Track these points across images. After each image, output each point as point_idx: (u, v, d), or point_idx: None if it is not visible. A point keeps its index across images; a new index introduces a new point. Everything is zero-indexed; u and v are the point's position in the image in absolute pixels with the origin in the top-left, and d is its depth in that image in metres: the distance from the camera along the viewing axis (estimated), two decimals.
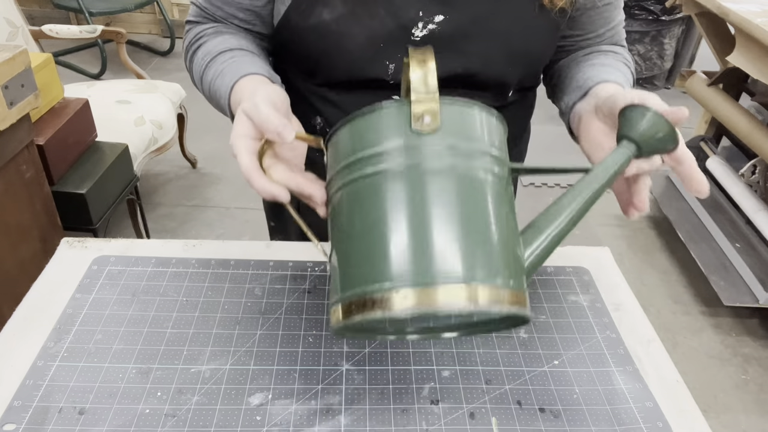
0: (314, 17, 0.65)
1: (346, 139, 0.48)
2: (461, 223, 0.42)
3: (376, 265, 0.42)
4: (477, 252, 0.42)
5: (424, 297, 0.40)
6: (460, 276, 0.41)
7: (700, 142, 2.40)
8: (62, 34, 2.29)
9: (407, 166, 0.44)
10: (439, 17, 0.65)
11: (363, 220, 0.44)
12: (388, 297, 0.41)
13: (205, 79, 0.67)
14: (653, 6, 3.16)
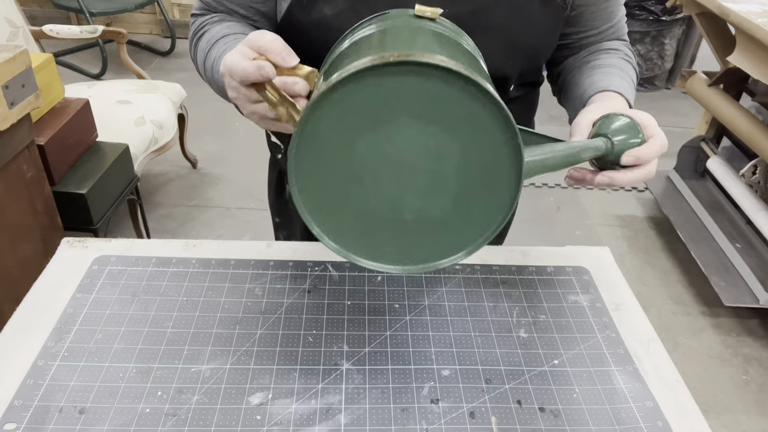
0: (316, 13, 0.66)
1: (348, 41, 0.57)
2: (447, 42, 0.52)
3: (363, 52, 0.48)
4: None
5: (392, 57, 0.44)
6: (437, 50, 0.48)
7: (700, 142, 2.40)
8: (63, 34, 2.30)
9: (407, 19, 0.55)
10: (440, 11, 0.65)
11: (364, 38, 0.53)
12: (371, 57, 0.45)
13: (207, 63, 0.68)
14: (654, 6, 3.16)
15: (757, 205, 2.02)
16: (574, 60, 0.78)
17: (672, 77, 3.56)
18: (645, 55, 3.37)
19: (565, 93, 0.77)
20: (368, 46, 0.49)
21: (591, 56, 0.76)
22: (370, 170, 0.47)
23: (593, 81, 0.70)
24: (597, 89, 0.69)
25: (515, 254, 0.78)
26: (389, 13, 0.56)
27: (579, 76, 0.74)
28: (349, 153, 0.46)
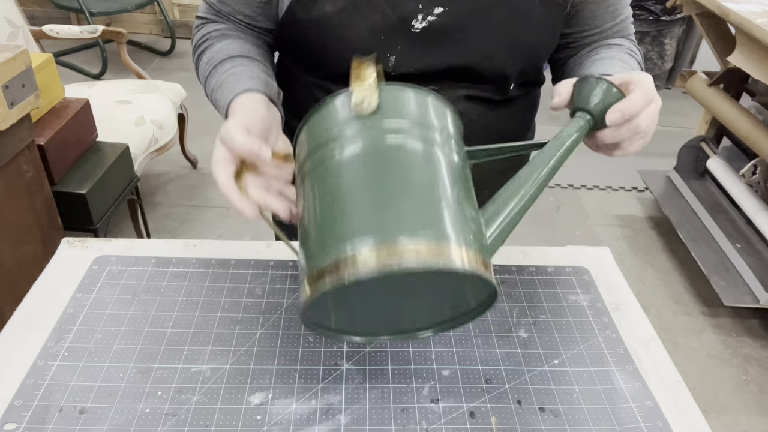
0: (317, 10, 0.66)
1: (305, 137, 0.53)
2: (412, 190, 0.46)
3: (337, 234, 0.45)
4: (427, 213, 0.45)
5: (387, 255, 0.42)
6: (425, 233, 0.43)
7: (700, 142, 2.40)
8: (63, 34, 2.30)
9: (353, 146, 0.48)
10: (439, 9, 0.65)
11: (320, 200, 0.48)
12: (352, 259, 0.43)
13: (208, 87, 0.70)
14: (654, 6, 3.16)
15: (757, 205, 2.02)
16: (576, 58, 0.78)
17: (672, 77, 3.56)
18: (645, 55, 3.36)
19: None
20: (352, 207, 0.45)
21: (592, 52, 0.75)
22: (364, 315, 0.55)
23: (592, 71, 0.69)
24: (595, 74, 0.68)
25: (515, 254, 0.78)
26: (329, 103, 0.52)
27: (579, 70, 0.73)
28: (347, 312, 0.54)
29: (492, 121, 0.76)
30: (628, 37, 0.79)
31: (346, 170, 0.47)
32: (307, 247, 0.48)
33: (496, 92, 0.73)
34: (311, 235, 0.48)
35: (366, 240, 0.43)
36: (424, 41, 0.67)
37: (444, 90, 0.71)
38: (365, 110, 0.48)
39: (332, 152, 0.49)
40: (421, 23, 0.66)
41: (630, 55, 0.74)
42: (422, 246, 0.42)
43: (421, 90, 0.52)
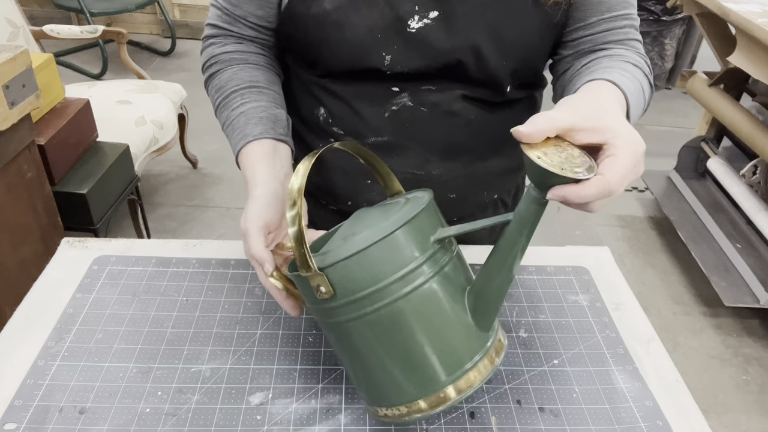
0: (316, 6, 0.67)
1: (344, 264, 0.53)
2: (423, 347, 0.50)
3: (411, 383, 0.51)
4: (440, 359, 0.50)
5: (435, 401, 0.50)
6: (443, 380, 0.50)
7: (700, 142, 2.40)
8: (63, 34, 2.30)
9: (331, 328, 0.53)
10: (434, 13, 0.66)
11: (394, 344, 0.51)
12: (412, 408, 0.51)
13: (219, 119, 0.74)
14: (654, 6, 3.16)
15: (758, 205, 2.02)
16: (571, 72, 0.74)
17: (672, 77, 3.56)
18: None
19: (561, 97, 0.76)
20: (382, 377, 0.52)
21: (592, 62, 0.71)
22: None
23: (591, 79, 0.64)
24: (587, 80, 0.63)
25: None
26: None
27: (577, 79, 0.69)
28: None
29: (491, 122, 0.76)
30: (631, 43, 0.74)
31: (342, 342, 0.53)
32: (389, 376, 0.51)
33: (493, 94, 0.73)
34: (391, 372, 0.51)
35: (413, 396, 0.51)
36: (419, 42, 0.67)
37: (441, 90, 0.71)
38: (325, 295, 0.51)
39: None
40: (417, 24, 0.67)
41: (632, 64, 0.68)
42: (453, 387, 0.50)
43: (382, 237, 0.49)
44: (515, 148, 0.82)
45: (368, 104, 0.73)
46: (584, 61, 0.72)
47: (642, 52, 0.72)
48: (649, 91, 0.68)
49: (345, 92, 0.73)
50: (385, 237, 0.49)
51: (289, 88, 0.80)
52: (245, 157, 0.68)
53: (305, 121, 0.79)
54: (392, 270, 0.49)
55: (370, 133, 0.74)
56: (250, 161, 0.67)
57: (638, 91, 0.64)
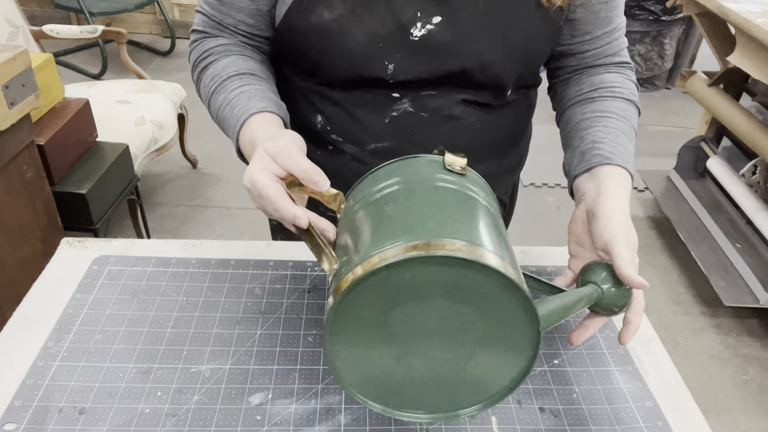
0: (315, 17, 0.65)
1: (381, 174, 0.55)
2: (472, 218, 0.50)
3: (385, 234, 0.48)
4: (480, 233, 0.49)
5: (432, 245, 0.45)
6: (466, 239, 0.47)
7: (700, 142, 2.40)
8: (63, 34, 2.30)
9: (436, 181, 0.53)
10: (437, 18, 0.65)
11: (392, 209, 0.50)
12: (396, 249, 0.46)
13: (213, 104, 0.69)
14: (653, 6, 3.16)
15: (757, 205, 2.02)
16: (577, 90, 0.76)
17: (672, 77, 3.56)
18: (645, 55, 3.37)
19: (564, 129, 0.76)
20: (404, 218, 0.49)
21: (595, 93, 0.74)
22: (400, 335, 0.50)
23: (596, 139, 0.68)
24: (601, 158, 0.66)
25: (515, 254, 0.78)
26: (419, 159, 0.56)
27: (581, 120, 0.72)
28: (381, 322, 0.49)
29: (490, 124, 0.76)
30: (621, 55, 0.77)
31: (422, 195, 0.51)
32: (355, 251, 0.48)
33: (494, 97, 0.73)
34: (362, 241, 0.48)
35: (416, 237, 0.46)
36: (422, 49, 0.66)
37: (442, 95, 0.71)
38: (458, 169, 0.54)
39: (412, 183, 0.52)
40: (420, 31, 0.65)
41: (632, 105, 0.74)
42: (462, 245, 0.46)
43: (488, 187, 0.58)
44: (513, 149, 0.84)
45: (368, 111, 0.72)
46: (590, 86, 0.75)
47: (632, 68, 0.79)
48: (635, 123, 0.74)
49: (344, 100, 0.72)
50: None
51: (285, 95, 0.78)
52: (249, 128, 0.63)
53: (302, 128, 0.77)
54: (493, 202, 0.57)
55: (370, 139, 0.73)
56: (258, 126, 0.62)
57: (632, 144, 0.71)
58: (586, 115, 0.72)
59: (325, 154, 0.77)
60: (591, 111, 0.72)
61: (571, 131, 0.74)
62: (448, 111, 0.72)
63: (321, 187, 0.53)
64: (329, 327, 0.48)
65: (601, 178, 0.65)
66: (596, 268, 0.59)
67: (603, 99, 0.73)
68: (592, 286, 0.57)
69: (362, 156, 0.74)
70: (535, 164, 2.99)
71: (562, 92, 0.79)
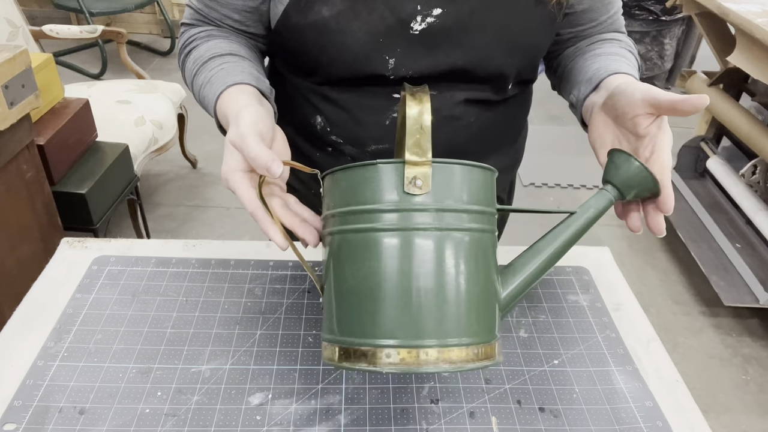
0: (313, 14, 0.65)
1: (342, 187, 0.51)
2: (441, 289, 0.46)
3: (365, 321, 0.47)
4: (454, 315, 0.47)
5: (406, 357, 0.45)
6: (436, 341, 0.46)
7: (700, 142, 2.40)
8: (63, 34, 2.30)
9: (396, 228, 0.47)
10: (438, 10, 0.65)
11: (354, 275, 0.48)
12: (374, 353, 0.46)
13: (195, 85, 0.69)
14: (653, 6, 3.15)
15: (757, 205, 2.02)
16: (574, 49, 0.78)
17: (672, 77, 3.56)
18: (645, 55, 3.36)
19: (566, 79, 0.77)
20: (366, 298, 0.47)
21: (593, 45, 0.76)
22: None
23: (600, 66, 0.70)
24: (607, 72, 0.68)
25: (515, 254, 0.78)
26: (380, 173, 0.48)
27: (582, 63, 0.74)
28: None
29: (490, 122, 0.76)
30: (620, 29, 0.80)
31: (383, 251, 0.47)
32: (341, 311, 0.49)
33: (495, 92, 0.73)
34: (346, 302, 0.48)
35: (397, 340, 0.46)
36: (423, 43, 0.66)
37: (442, 94, 0.71)
38: (417, 190, 0.47)
39: (372, 224, 0.47)
40: (420, 25, 0.65)
41: (629, 51, 0.76)
42: (444, 352, 0.46)
43: (469, 165, 0.50)
44: (512, 145, 0.84)
45: (369, 112, 0.72)
46: (588, 42, 0.78)
47: (625, 31, 0.81)
48: (639, 68, 0.75)
49: (345, 100, 0.72)
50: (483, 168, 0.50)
51: (283, 96, 0.78)
52: (224, 102, 0.61)
53: (300, 130, 0.77)
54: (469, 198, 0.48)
55: (371, 140, 0.73)
56: (232, 98, 0.61)
57: (638, 75, 0.71)
58: (586, 60, 0.74)
59: (324, 155, 0.77)
60: (590, 56, 0.74)
61: (574, 75, 0.75)
62: (448, 111, 0.72)
63: (273, 173, 0.51)
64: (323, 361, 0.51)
65: (610, 83, 0.66)
66: (616, 163, 0.56)
67: (601, 46, 0.75)
68: (604, 191, 0.56)
69: (362, 157, 0.74)
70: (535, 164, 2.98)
71: (559, 59, 0.81)
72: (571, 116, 3.19)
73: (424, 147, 0.46)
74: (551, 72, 0.84)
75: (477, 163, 0.50)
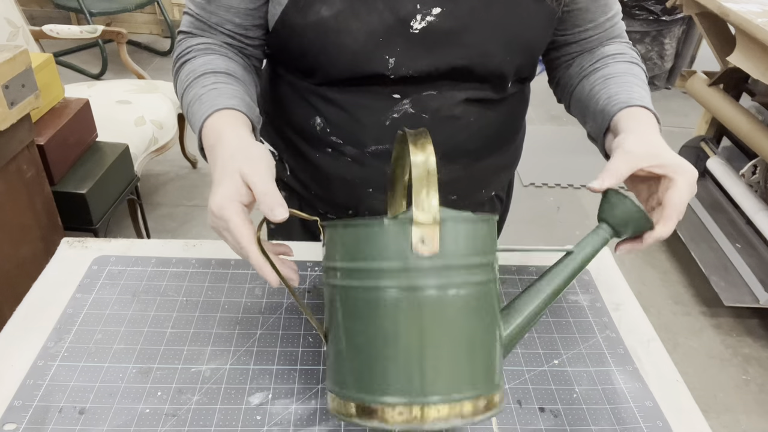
0: (312, 14, 0.65)
1: (345, 242, 0.49)
2: (449, 349, 0.47)
3: (375, 380, 0.47)
4: (461, 372, 0.47)
5: (414, 414, 0.46)
6: (445, 396, 0.46)
7: (700, 142, 2.40)
8: (63, 34, 2.29)
9: (404, 289, 0.46)
10: (437, 9, 0.65)
11: (363, 332, 0.48)
12: (382, 410, 0.46)
13: (185, 99, 0.67)
14: (653, 6, 3.15)
15: (757, 205, 2.02)
16: (580, 69, 0.77)
17: (672, 77, 3.56)
18: (645, 55, 3.36)
19: (576, 104, 0.76)
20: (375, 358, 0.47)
21: (598, 63, 0.75)
22: None
23: (611, 94, 0.69)
24: (620, 103, 0.67)
25: (515, 254, 0.78)
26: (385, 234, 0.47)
27: (592, 88, 0.73)
28: None
29: (490, 121, 0.76)
30: (622, 37, 0.79)
31: (389, 312, 0.46)
32: (350, 367, 0.49)
33: (495, 91, 0.73)
34: (355, 359, 0.48)
35: (399, 398, 0.46)
36: (423, 42, 0.66)
37: (442, 94, 0.71)
38: (425, 250, 0.46)
39: (378, 283, 0.47)
40: (420, 24, 0.65)
41: (636, 65, 0.75)
42: (454, 408, 0.46)
43: (476, 219, 0.49)
44: (511, 144, 0.84)
45: (369, 112, 0.72)
46: (592, 59, 0.76)
47: (631, 45, 0.80)
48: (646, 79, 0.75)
49: (344, 100, 0.72)
50: (487, 219, 0.50)
51: (281, 97, 0.78)
52: (211, 126, 0.60)
53: (300, 131, 0.77)
54: (474, 251, 0.48)
55: (371, 141, 0.73)
56: (219, 125, 0.59)
57: (648, 94, 0.71)
58: (595, 83, 0.73)
59: (324, 156, 0.77)
60: (598, 78, 0.73)
61: (585, 103, 0.75)
62: (448, 111, 0.72)
63: (277, 218, 0.50)
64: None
65: (620, 120, 0.66)
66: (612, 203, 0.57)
67: (607, 65, 0.75)
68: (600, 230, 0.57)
69: (362, 158, 0.74)
70: (535, 164, 2.98)
71: (564, 76, 0.80)
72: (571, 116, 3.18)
73: (432, 204, 0.45)
74: (555, 86, 0.83)
75: (481, 215, 0.50)
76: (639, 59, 0.77)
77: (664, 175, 0.58)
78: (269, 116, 0.83)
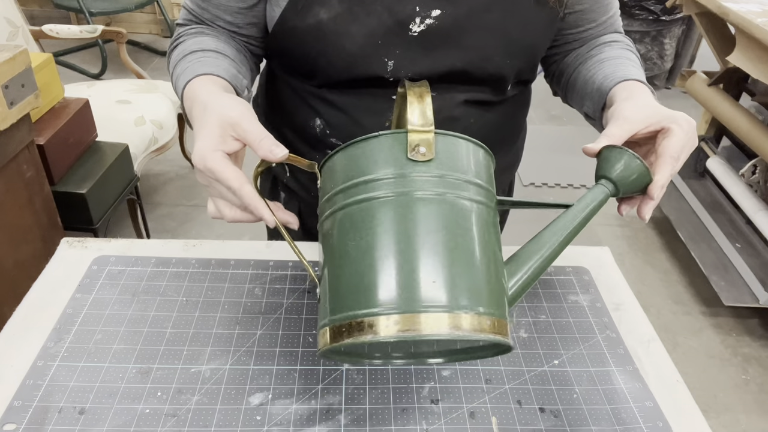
0: (311, 17, 0.65)
1: (342, 165, 0.49)
2: (447, 252, 0.44)
3: (366, 291, 0.44)
4: (461, 280, 0.44)
5: (409, 323, 0.42)
6: (445, 304, 0.43)
7: (700, 142, 2.40)
8: (62, 34, 2.29)
9: (400, 194, 0.45)
10: (436, 12, 0.65)
11: (355, 246, 0.46)
12: (375, 322, 0.43)
13: (174, 77, 0.67)
14: (653, 6, 3.16)
15: (757, 205, 2.02)
16: (575, 57, 0.78)
17: (672, 77, 3.56)
18: (645, 55, 3.36)
19: (573, 90, 0.77)
20: (369, 268, 0.44)
21: (594, 50, 0.76)
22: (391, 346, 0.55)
23: (607, 73, 0.70)
24: (616, 79, 0.68)
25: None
26: (381, 143, 0.47)
27: (588, 72, 0.74)
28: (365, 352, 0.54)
29: (490, 122, 0.76)
30: (619, 30, 0.80)
31: (385, 218, 0.45)
32: (340, 287, 0.46)
33: (494, 93, 0.73)
34: (345, 277, 0.46)
35: (395, 306, 0.43)
36: (422, 45, 0.66)
37: (442, 96, 0.71)
38: (421, 156, 0.46)
39: (373, 193, 0.46)
40: (419, 26, 0.65)
41: (629, 50, 0.76)
42: (451, 318, 0.43)
43: (471, 141, 0.49)
44: (511, 146, 0.84)
45: (368, 114, 0.71)
46: (588, 48, 0.77)
47: (623, 31, 0.81)
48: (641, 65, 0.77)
49: (344, 102, 0.72)
50: (485, 149, 0.51)
51: (281, 98, 0.78)
52: (190, 91, 0.60)
53: (299, 132, 0.77)
54: (471, 171, 0.48)
55: None
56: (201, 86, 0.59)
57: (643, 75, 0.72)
58: (591, 67, 0.74)
59: (323, 157, 0.77)
60: (594, 62, 0.74)
61: (581, 86, 0.75)
62: (448, 113, 0.72)
63: (277, 155, 0.50)
64: (320, 355, 0.49)
65: (616, 93, 0.66)
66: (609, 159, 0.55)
67: (602, 51, 0.75)
68: (604, 184, 0.55)
69: None
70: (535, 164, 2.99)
71: (560, 66, 0.81)
72: (571, 116, 3.19)
73: (428, 116, 0.46)
74: (551, 79, 0.84)
75: (479, 142, 0.49)
76: (633, 46, 0.77)
77: (660, 128, 0.58)
78: (268, 117, 0.83)
